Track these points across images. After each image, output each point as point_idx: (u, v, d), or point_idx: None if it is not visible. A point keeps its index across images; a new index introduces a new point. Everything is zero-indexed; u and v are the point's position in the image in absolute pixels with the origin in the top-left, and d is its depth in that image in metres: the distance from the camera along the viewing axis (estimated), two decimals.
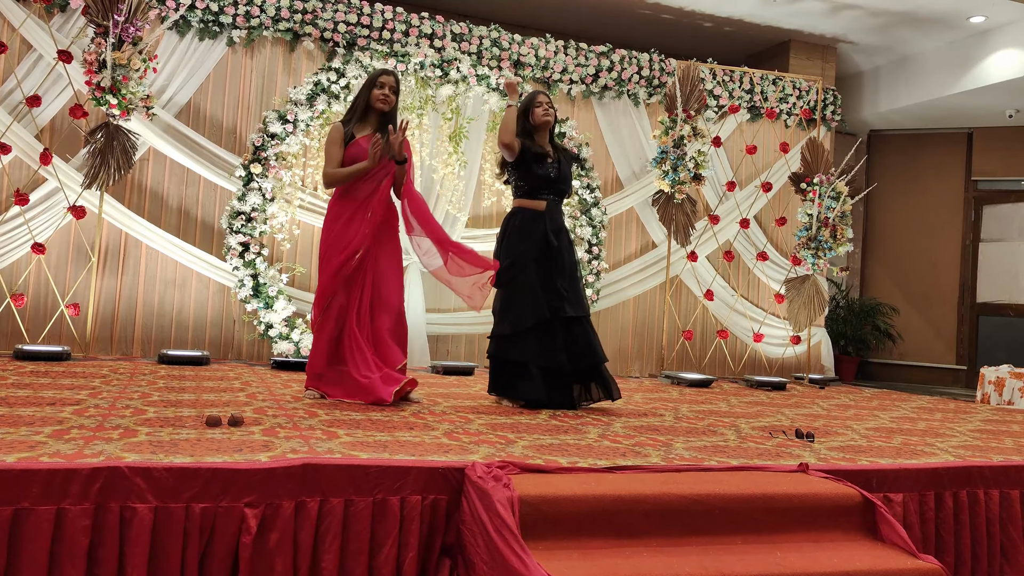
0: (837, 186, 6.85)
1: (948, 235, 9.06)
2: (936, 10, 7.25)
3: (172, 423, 2.95)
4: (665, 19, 7.80)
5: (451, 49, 6.52)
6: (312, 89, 6.06)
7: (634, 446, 3.15)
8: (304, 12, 6.21)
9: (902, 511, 2.82)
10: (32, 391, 3.60)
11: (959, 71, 7.85)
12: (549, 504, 2.27)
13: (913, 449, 3.47)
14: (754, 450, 3.23)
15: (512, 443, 3.03)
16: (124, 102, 5.24)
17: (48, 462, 2.14)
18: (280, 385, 4.54)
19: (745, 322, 7.45)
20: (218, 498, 2.19)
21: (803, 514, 2.50)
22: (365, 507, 2.33)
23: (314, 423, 3.18)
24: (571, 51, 7.01)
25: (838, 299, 8.96)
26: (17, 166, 5.58)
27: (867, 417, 4.76)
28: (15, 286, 5.53)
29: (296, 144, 6.05)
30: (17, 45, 5.59)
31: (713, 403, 5.07)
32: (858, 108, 8.90)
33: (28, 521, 2.02)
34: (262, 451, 2.51)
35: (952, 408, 5.67)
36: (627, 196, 7.17)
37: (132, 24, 5.22)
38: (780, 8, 7.40)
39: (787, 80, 7.74)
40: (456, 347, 6.75)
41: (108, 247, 5.83)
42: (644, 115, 7.32)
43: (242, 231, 5.85)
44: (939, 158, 9.15)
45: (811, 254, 6.88)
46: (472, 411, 3.90)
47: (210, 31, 6.03)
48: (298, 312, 6.04)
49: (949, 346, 8.94)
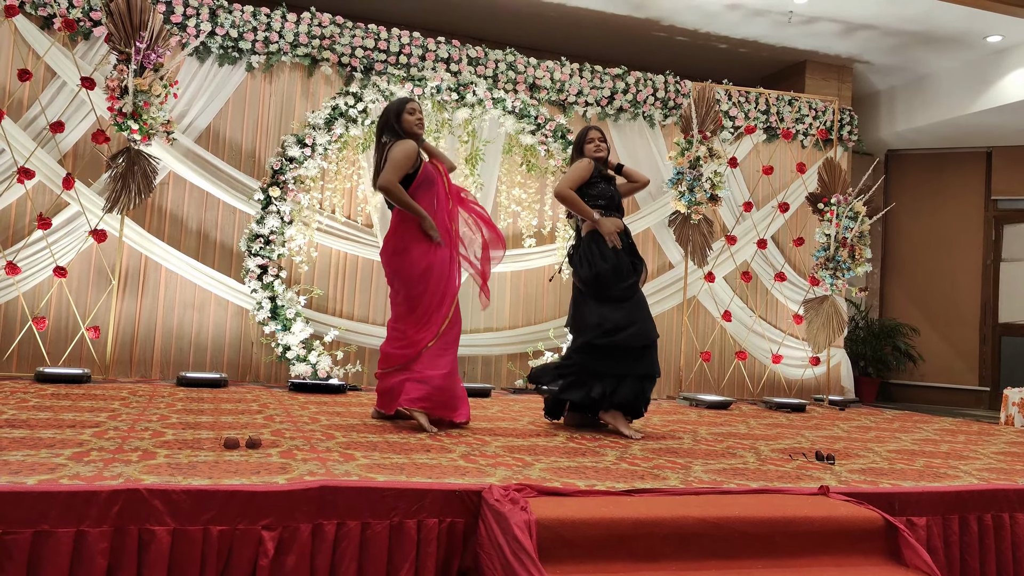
0: (855, 206, 6.82)
1: (968, 255, 8.98)
2: (952, 30, 7.24)
3: (190, 445, 2.96)
4: (680, 41, 7.83)
5: (467, 73, 6.58)
6: (330, 113, 6.12)
7: (652, 469, 3.13)
8: (322, 37, 6.29)
9: (926, 535, 2.77)
10: (52, 413, 3.63)
11: (976, 90, 7.82)
12: (567, 527, 2.26)
13: (936, 472, 3.43)
14: (774, 473, 3.20)
15: (529, 466, 3.01)
16: (145, 127, 5.32)
17: (68, 484, 2.15)
18: (298, 407, 4.55)
19: (764, 343, 7.40)
20: (236, 521, 2.19)
21: (824, 538, 2.47)
22: (382, 530, 2.32)
23: (331, 445, 3.18)
24: (586, 73, 7.05)
25: (857, 320, 8.89)
26: (41, 191, 5.66)
27: (888, 439, 4.70)
28: (37, 309, 5.59)
29: (314, 168, 6.10)
30: (42, 73, 5.69)
31: (732, 425, 5.03)
32: (875, 128, 8.87)
33: (48, 543, 2.03)
34: (280, 473, 2.51)
35: (975, 430, 5.60)
36: (643, 217, 7.16)
37: (154, 51, 5.31)
38: (795, 29, 7.41)
39: (803, 100, 7.74)
40: (472, 368, 6.74)
41: (128, 270, 5.89)
42: (660, 136, 7.33)
43: (260, 254, 5.90)
44: (958, 177, 9.09)
45: (829, 274, 6.84)
46: (489, 433, 3.89)
47: (230, 57, 6.12)
48: (316, 334, 6.07)
49: (971, 367, 8.84)
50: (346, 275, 6.44)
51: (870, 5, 6.84)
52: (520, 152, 6.77)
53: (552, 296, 6.98)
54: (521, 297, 6.92)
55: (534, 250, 6.81)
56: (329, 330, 6.15)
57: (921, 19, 7.06)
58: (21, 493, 2.05)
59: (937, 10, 6.85)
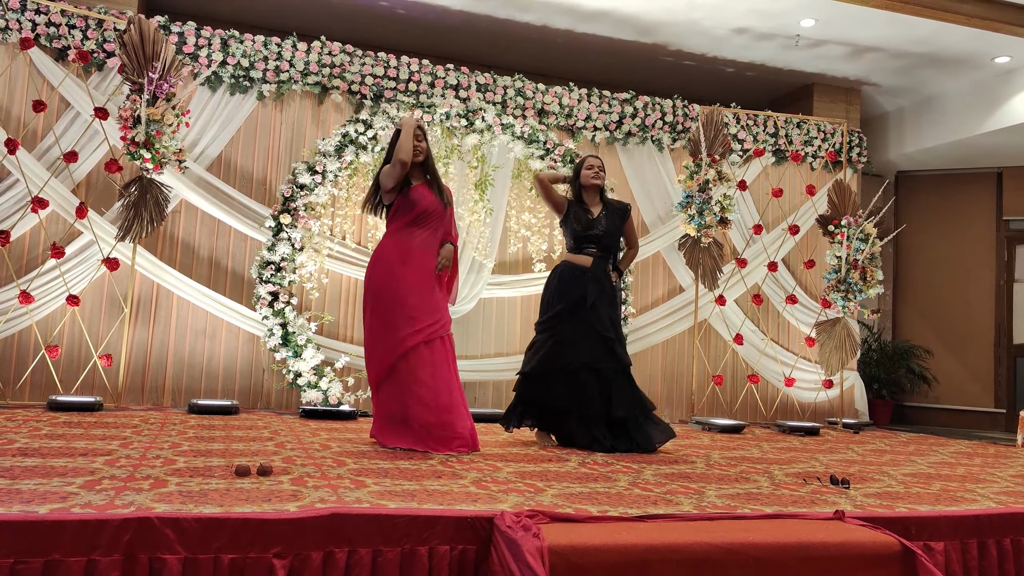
0: (865, 228, 6.80)
1: (981, 276, 8.93)
2: (959, 51, 7.25)
3: (202, 473, 2.96)
4: (687, 65, 7.88)
5: (476, 99, 6.63)
6: (340, 141, 6.17)
7: (665, 494, 3.10)
8: (332, 66, 6.35)
9: (944, 560, 2.73)
10: (65, 442, 3.64)
11: (985, 111, 7.81)
12: (579, 554, 2.24)
13: (953, 495, 3.38)
14: (788, 497, 3.17)
15: (541, 491, 2.99)
16: (157, 156, 5.37)
17: (79, 513, 2.15)
18: (309, 434, 4.54)
19: (776, 366, 7.36)
20: (246, 549, 2.18)
21: (840, 563, 2.44)
22: (393, 557, 2.31)
23: (342, 472, 3.17)
24: (594, 98, 7.09)
25: (870, 342, 8.84)
26: (54, 220, 5.72)
27: (904, 462, 4.65)
28: (50, 337, 5.62)
29: (324, 195, 6.14)
30: (56, 104, 5.77)
31: (745, 449, 4.99)
32: (884, 149, 8.87)
33: (59, 572, 2.03)
34: (291, 501, 2.50)
35: (992, 453, 5.53)
36: (653, 240, 7.17)
37: (166, 81, 5.38)
38: (802, 52, 7.44)
39: (811, 123, 7.75)
40: (483, 394, 6.73)
41: (140, 298, 5.92)
42: (668, 160, 7.35)
43: (271, 280, 5.92)
44: (969, 198, 9.07)
45: (841, 297, 6.81)
46: (500, 459, 3.87)
47: (241, 86, 6.19)
48: (327, 360, 6.07)
49: (986, 389, 8.75)
50: (356, 301, 6.45)
51: (877, 27, 6.87)
52: (529, 177, 6.80)
53: None
54: (532, 322, 6.89)
55: (544, 275, 6.80)
56: (340, 356, 6.16)
57: (928, 41, 7.08)
58: (33, 522, 2.04)
59: (944, 32, 6.87)
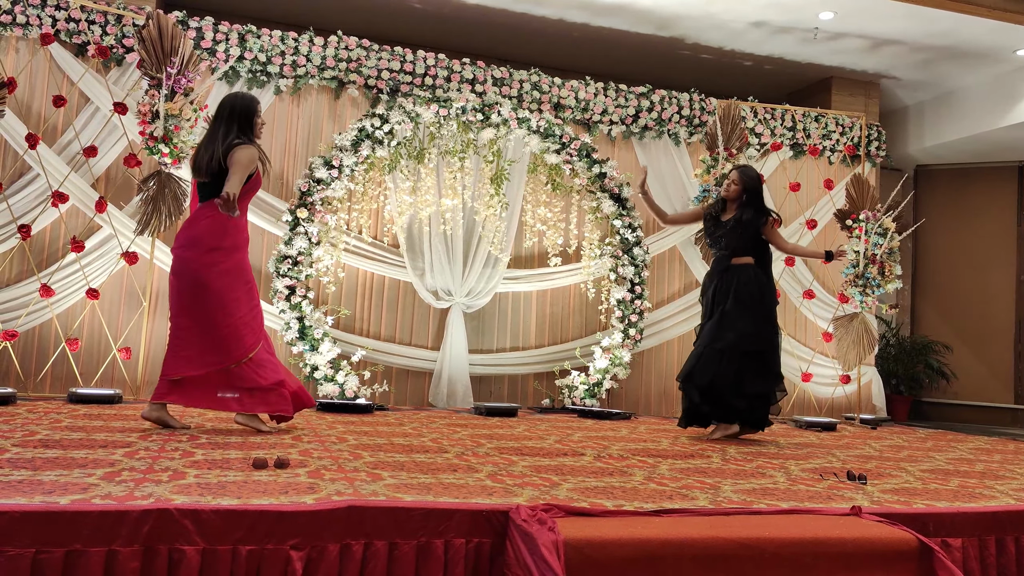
0: (884, 222, 6.75)
1: (1001, 270, 8.84)
2: (980, 45, 7.17)
3: (220, 465, 2.99)
4: (705, 59, 7.84)
5: (492, 93, 6.62)
6: (357, 135, 6.18)
7: (681, 489, 3.10)
8: (349, 60, 6.37)
9: (961, 557, 2.72)
10: (85, 434, 3.68)
11: (1006, 105, 7.73)
12: (594, 548, 2.24)
13: (971, 492, 3.36)
14: (804, 493, 3.16)
15: (556, 485, 3.00)
16: (176, 150, 5.41)
17: (100, 504, 2.18)
18: (325, 427, 4.57)
19: (793, 361, 7.32)
20: (264, 540, 2.20)
21: (856, 560, 2.43)
22: (409, 550, 2.32)
23: (359, 465, 3.19)
24: (611, 92, 7.06)
25: (888, 337, 8.77)
26: (74, 214, 5.77)
27: (922, 459, 4.62)
28: (70, 330, 5.68)
29: (341, 189, 6.16)
30: (75, 99, 5.81)
31: (762, 444, 4.98)
32: (903, 143, 8.79)
33: (79, 563, 2.06)
34: (308, 493, 2.52)
35: (1011, 449, 5.49)
36: (669, 235, 7.14)
37: (184, 76, 5.40)
38: (821, 46, 7.39)
39: (829, 117, 7.70)
40: (499, 388, 6.74)
41: (159, 291, 5.96)
42: (685, 154, 7.32)
43: (288, 275, 5.95)
44: (989, 192, 8.98)
45: (859, 291, 6.77)
46: (516, 452, 3.88)
47: (258, 80, 6.21)
48: (343, 354, 6.10)
49: (1006, 385, 8.68)
50: (372, 295, 6.48)
51: (896, 21, 6.81)
52: (545, 171, 6.80)
53: (578, 315, 6.97)
54: (547, 316, 6.91)
55: (560, 269, 6.81)
56: (356, 350, 6.18)
57: (948, 34, 7.01)
58: (54, 513, 2.07)
59: (964, 25, 6.80)
